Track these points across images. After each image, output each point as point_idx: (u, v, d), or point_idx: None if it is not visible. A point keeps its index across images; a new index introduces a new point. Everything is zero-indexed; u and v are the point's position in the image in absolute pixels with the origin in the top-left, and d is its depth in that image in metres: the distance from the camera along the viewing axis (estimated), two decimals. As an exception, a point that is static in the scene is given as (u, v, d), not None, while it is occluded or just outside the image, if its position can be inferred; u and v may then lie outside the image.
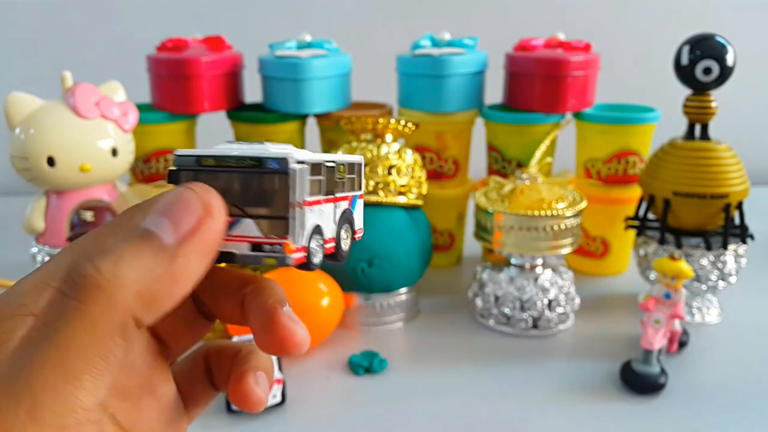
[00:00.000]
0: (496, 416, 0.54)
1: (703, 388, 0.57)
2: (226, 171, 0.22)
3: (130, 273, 0.19)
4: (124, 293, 0.19)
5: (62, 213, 0.67)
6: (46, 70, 1.10)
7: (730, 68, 0.65)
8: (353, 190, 0.27)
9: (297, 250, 0.22)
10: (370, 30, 1.13)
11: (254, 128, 0.79)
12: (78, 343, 0.19)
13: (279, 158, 0.21)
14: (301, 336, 0.24)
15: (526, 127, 0.77)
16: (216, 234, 0.21)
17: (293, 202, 0.22)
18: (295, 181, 0.22)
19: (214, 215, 0.21)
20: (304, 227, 0.22)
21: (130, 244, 0.20)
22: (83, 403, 0.19)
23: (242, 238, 0.22)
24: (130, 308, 0.19)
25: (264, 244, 0.22)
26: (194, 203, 0.21)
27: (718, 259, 0.66)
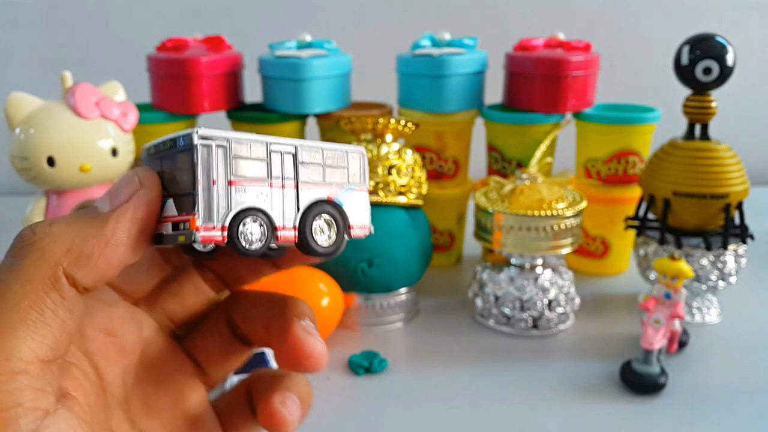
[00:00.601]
0: (496, 416, 0.54)
1: (703, 388, 0.57)
2: (160, 156, 0.23)
3: (62, 230, 0.21)
4: (54, 248, 0.21)
5: (62, 213, 0.67)
6: (46, 70, 1.10)
7: (730, 68, 0.65)
8: (346, 182, 0.26)
9: (207, 229, 0.22)
10: (370, 30, 1.13)
11: (254, 128, 0.79)
12: (11, 294, 0.20)
13: (185, 135, 0.22)
14: (316, 349, 0.24)
15: (526, 127, 0.77)
16: (147, 203, 0.22)
17: (199, 178, 0.22)
18: (198, 157, 0.22)
19: (146, 186, 0.22)
20: (219, 205, 0.22)
21: (69, 215, 0.22)
22: (20, 353, 0.19)
23: (167, 218, 0.23)
24: (59, 261, 0.21)
25: (179, 222, 0.22)
26: (131, 179, 0.23)
27: (718, 259, 0.66)
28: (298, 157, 0.24)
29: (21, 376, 0.19)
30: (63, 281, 0.20)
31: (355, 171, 0.27)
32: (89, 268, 0.21)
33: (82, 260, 0.21)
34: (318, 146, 0.25)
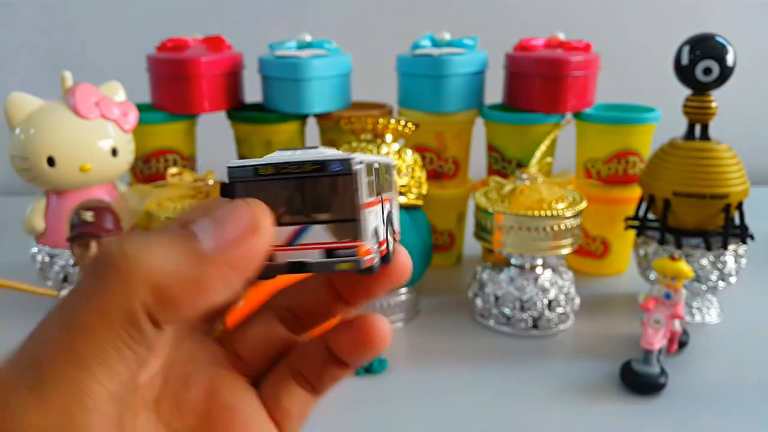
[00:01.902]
0: (496, 416, 0.54)
1: (703, 388, 0.57)
2: (286, 179, 0.21)
3: (152, 262, 0.18)
4: (139, 280, 0.18)
5: (62, 213, 0.67)
6: (46, 70, 1.10)
7: (730, 68, 0.65)
8: (391, 192, 0.26)
9: (367, 253, 0.21)
10: (370, 30, 1.13)
11: (254, 128, 0.79)
12: (89, 327, 0.18)
13: (342, 160, 0.21)
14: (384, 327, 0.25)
15: (526, 127, 0.77)
16: (257, 253, 0.20)
17: (359, 204, 0.21)
18: (359, 183, 0.21)
19: (261, 234, 0.20)
20: (369, 227, 0.22)
21: (165, 237, 0.19)
22: (91, 391, 0.18)
23: (313, 245, 0.21)
24: (142, 299, 0.18)
25: (337, 249, 0.21)
26: (244, 216, 0.20)
27: (718, 259, 0.66)
28: (379, 173, 0.24)
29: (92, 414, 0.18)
30: (142, 319, 0.18)
31: (394, 181, 0.27)
32: (175, 311, 0.19)
33: (167, 302, 0.18)
34: (384, 161, 0.25)
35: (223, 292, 0.19)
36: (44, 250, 0.69)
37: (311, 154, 0.21)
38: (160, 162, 0.79)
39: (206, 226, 0.19)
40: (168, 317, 0.19)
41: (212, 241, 0.19)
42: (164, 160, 0.79)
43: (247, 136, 0.80)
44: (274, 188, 0.21)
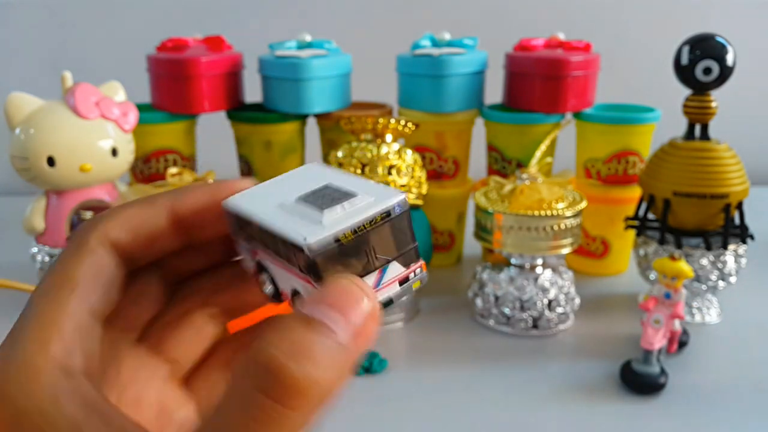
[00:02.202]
0: (496, 416, 0.54)
1: (703, 388, 0.57)
2: (364, 234, 0.22)
3: (326, 377, 0.19)
4: (320, 399, 0.19)
5: (62, 213, 0.67)
6: (46, 70, 1.10)
7: (730, 68, 0.65)
8: None
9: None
10: (370, 30, 1.13)
11: (254, 128, 0.79)
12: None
13: (399, 201, 0.22)
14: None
15: (526, 127, 0.77)
16: (375, 330, 0.20)
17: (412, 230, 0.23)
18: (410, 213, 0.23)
19: (377, 314, 0.21)
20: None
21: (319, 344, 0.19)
22: None
23: (392, 281, 0.23)
24: (317, 414, 0.19)
25: (408, 276, 0.23)
26: (361, 300, 0.20)
27: (718, 259, 0.66)
28: None
29: None
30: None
31: None
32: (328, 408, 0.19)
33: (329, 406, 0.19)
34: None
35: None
36: (44, 250, 0.69)
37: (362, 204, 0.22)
38: (160, 162, 0.79)
39: (334, 317, 0.19)
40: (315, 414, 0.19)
41: (347, 334, 0.19)
42: (164, 160, 0.79)
43: (247, 136, 0.80)
44: (352, 248, 0.22)
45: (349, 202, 0.22)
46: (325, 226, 0.21)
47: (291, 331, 0.19)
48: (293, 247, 0.21)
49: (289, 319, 0.19)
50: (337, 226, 0.21)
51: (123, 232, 0.23)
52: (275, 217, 0.22)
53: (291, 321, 0.19)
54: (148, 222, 0.24)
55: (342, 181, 0.24)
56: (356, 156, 0.65)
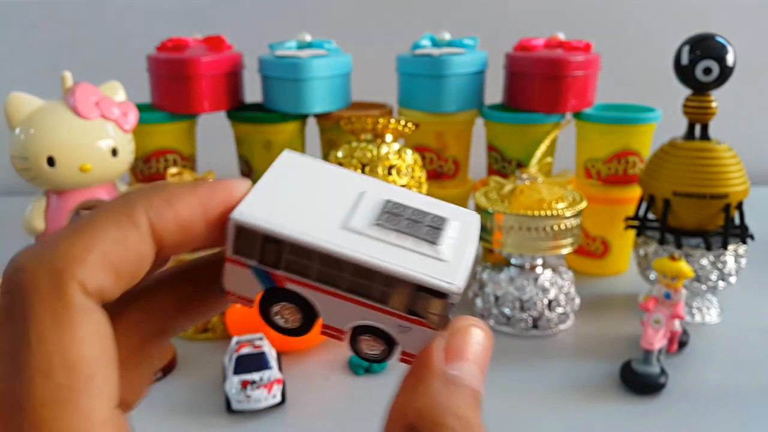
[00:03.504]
0: (496, 416, 0.54)
1: (703, 388, 0.57)
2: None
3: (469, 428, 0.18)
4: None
5: (62, 213, 0.67)
6: (46, 70, 1.10)
7: (730, 68, 0.65)
8: None
9: None
10: (370, 30, 1.13)
11: (254, 128, 0.79)
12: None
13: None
14: None
15: (526, 127, 0.77)
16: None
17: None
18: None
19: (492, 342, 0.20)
20: None
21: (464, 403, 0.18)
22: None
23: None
24: None
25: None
26: (486, 343, 0.20)
27: (718, 259, 0.66)
28: None
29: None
30: None
31: None
32: None
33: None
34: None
35: None
36: (44, 250, 0.69)
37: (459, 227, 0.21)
38: (160, 162, 0.79)
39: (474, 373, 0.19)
40: None
41: (481, 381, 0.19)
42: (164, 160, 0.79)
43: (247, 136, 0.80)
44: None
45: (450, 230, 0.20)
46: (451, 263, 0.19)
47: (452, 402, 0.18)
48: (426, 291, 0.19)
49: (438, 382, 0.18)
50: (460, 261, 0.19)
51: (104, 274, 0.17)
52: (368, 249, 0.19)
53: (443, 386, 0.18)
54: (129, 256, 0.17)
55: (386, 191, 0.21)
56: (356, 156, 0.65)
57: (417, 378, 0.18)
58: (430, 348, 0.19)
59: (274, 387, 0.54)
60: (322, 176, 0.21)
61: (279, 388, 0.54)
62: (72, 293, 0.16)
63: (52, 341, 0.15)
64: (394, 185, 0.22)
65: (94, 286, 0.16)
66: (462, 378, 0.18)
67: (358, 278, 0.19)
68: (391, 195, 0.21)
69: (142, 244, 0.17)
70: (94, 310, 0.16)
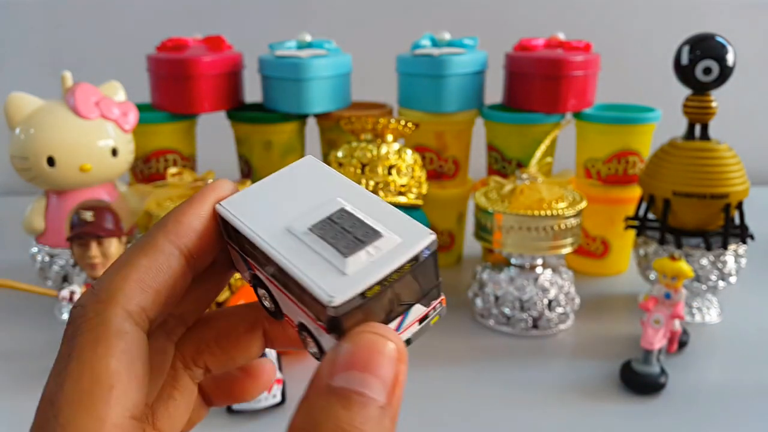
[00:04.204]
0: (496, 416, 0.54)
1: (703, 388, 0.57)
2: (391, 284, 0.20)
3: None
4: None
5: (62, 213, 0.67)
6: (46, 70, 1.10)
7: (730, 68, 0.65)
8: None
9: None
10: (370, 30, 1.13)
11: (254, 128, 0.79)
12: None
13: (429, 245, 0.20)
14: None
15: (526, 127, 0.77)
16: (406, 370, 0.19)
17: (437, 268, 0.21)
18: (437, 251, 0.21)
19: (405, 359, 0.19)
20: None
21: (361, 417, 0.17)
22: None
23: (413, 322, 0.21)
24: None
25: (427, 314, 0.22)
26: (390, 352, 0.19)
27: (718, 259, 0.66)
28: None
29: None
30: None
31: None
32: None
33: None
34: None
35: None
36: (44, 250, 0.69)
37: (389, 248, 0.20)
38: (160, 162, 0.79)
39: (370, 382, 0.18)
40: None
41: (383, 394, 0.18)
42: (164, 160, 0.79)
43: (247, 136, 0.80)
44: (376, 299, 0.20)
45: (374, 246, 0.20)
46: (349, 278, 0.19)
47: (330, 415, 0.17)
48: (312, 298, 0.19)
49: (320, 398, 0.18)
50: (363, 279, 0.19)
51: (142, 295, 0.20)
52: (286, 248, 0.20)
53: (324, 400, 0.18)
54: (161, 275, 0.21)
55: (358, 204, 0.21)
56: (356, 156, 0.65)
57: (305, 393, 0.18)
58: (322, 360, 0.19)
59: (274, 387, 0.54)
60: (318, 182, 0.23)
61: (279, 388, 0.54)
62: (111, 319, 0.19)
63: (87, 355, 0.19)
64: (378, 198, 0.22)
65: (135, 307, 0.20)
66: (347, 389, 0.18)
67: (280, 275, 0.20)
68: (357, 205, 0.21)
69: (171, 260, 0.21)
70: (131, 332, 0.19)
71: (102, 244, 0.60)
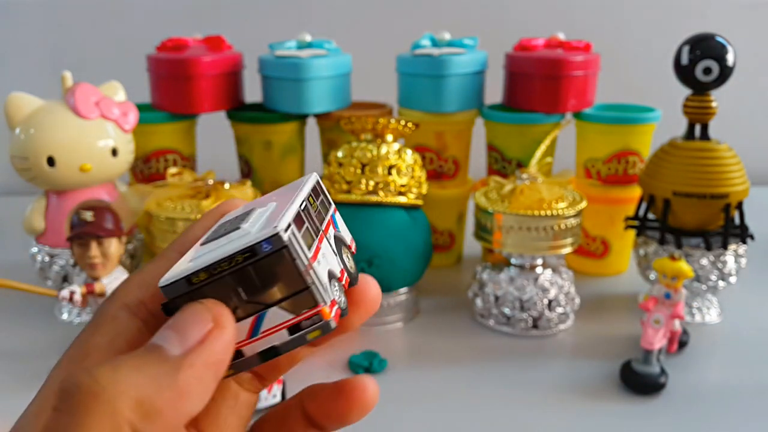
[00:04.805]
0: (496, 416, 0.54)
1: (703, 388, 0.57)
2: (224, 276, 0.20)
3: (130, 380, 0.18)
4: (122, 400, 0.18)
5: (62, 213, 0.67)
6: (46, 70, 1.10)
7: (730, 68, 0.65)
8: (327, 212, 0.25)
9: (331, 309, 0.21)
10: (370, 30, 1.13)
11: (254, 128, 0.79)
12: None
13: (269, 237, 0.20)
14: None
15: (526, 127, 0.77)
16: (225, 347, 0.20)
17: (303, 270, 0.20)
18: (295, 249, 0.20)
19: (224, 326, 0.20)
20: (323, 283, 0.21)
21: (131, 356, 0.19)
22: None
23: (276, 327, 0.21)
24: (128, 418, 0.18)
25: (299, 323, 0.21)
26: (202, 315, 0.20)
27: (718, 259, 0.66)
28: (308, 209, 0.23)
29: None
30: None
31: (325, 195, 0.26)
32: (159, 424, 0.18)
33: (152, 415, 0.18)
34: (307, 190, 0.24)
35: (202, 394, 0.19)
36: (44, 250, 0.69)
37: (235, 241, 0.20)
38: (160, 162, 0.79)
39: (168, 335, 0.19)
40: (154, 430, 0.18)
41: (179, 347, 0.19)
42: (164, 160, 0.79)
43: (247, 136, 0.80)
44: (215, 289, 0.20)
45: (228, 238, 0.20)
46: (188, 266, 0.20)
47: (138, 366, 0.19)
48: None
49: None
50: (194, 266, 0.20)
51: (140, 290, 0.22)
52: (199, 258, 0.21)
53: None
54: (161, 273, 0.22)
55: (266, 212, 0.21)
56: (356, 156, 0.65)
57: None
58: None
59: (274, 387, 0.54)
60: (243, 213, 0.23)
61: (279, 388, 0.54)
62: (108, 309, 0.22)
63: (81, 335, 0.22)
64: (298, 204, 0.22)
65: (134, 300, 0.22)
66: (153, 343, 0.19)
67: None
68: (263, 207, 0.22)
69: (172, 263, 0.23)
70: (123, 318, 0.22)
71: (102, 244, 0.60)
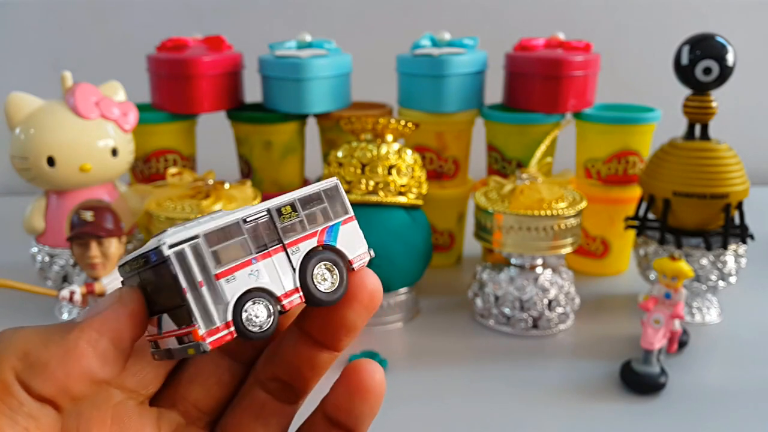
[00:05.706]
0: (496, 416, 0.54)
1: (703, 388, 0.57)
2: (137, 272, 0.22)
3: (23, 336, 0.20)
4: (10, 351, 0.20)
5: (62, 213, 0.67)
6: (46, 70, 1.10)
7: (730, 68, 0.65)
8: (331, 219, 0.25)
9: (212, 333, 0.21)
10: (370, 30, 1.13)
11: (254, 128, 0.79)
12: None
13: (154, 250, 0.21)
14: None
15: (526, 127, 0.77)
16: (119, 317, 0.21)
17: (185, 288, 0.20)
18: (176, 267, 0.20)
19: (122, 301, 0.22)
20: (215, 304, 0.21)
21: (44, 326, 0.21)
22: None
23: (170, 333, 0.22)
24: (12, 365, 0.20)
25: (182, 336, 0.21)
26: (112, 294, 0.22)
27: (718, 259, 0.66)
28: (274, 219, 0.23)
29: None
30: (16, 387, 0.20)
31: (335, 203, 0.25)
32: (45, 375, 0.20)
33: (37, 367, 0.20)
34: (290, 198, 0.24)
35: (93, 355, 0.21)
36: (44, 249, 0.69)
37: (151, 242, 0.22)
38: (160, 162, 0.79)
39: (83, 311, 0.22)
40: (42, 383, 0.20)
41: (83, 317, 0.21)
42: (164, 160, 0.79)
43: (247, 136, 0.80)
44: (136, 281, 0.22)
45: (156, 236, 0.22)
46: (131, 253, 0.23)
47: None
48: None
49: None
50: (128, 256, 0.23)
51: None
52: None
53: None
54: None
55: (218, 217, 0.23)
56: (356, 156, 0.65)
57: None
58: None
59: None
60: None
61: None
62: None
63: None
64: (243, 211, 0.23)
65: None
66: None
67: None
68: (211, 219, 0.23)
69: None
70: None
71: (102, 244, 0.60)
